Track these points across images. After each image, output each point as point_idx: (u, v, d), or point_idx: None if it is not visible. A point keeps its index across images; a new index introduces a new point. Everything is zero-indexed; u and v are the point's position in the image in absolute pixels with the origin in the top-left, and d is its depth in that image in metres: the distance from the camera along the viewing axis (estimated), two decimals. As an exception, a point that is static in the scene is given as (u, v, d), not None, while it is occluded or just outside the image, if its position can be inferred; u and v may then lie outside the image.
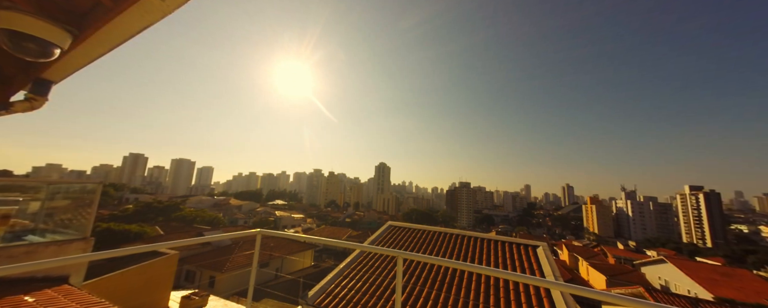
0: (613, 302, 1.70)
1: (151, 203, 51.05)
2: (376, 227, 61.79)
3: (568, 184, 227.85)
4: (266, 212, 72.29)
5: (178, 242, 2.75)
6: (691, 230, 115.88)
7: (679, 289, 26.30)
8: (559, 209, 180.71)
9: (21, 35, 1.84)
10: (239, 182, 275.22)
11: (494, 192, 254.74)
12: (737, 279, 24.68)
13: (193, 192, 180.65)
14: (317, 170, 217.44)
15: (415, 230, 9.43)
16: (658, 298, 15.89)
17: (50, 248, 4.50)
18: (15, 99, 2.90)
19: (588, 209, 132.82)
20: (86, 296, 3.83)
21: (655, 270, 30.69)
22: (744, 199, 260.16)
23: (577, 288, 1.90)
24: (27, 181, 8.15)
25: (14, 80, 3.00)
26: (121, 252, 2.30)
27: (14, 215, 4.64)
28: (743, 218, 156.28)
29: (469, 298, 5.70)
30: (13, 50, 1.91)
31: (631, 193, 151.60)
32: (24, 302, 3.38)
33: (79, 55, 2.31)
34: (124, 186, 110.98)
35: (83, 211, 5.18)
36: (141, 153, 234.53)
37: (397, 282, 2.74)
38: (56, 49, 2.00)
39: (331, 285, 6.35)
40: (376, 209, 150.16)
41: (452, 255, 7.72)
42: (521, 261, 7.13)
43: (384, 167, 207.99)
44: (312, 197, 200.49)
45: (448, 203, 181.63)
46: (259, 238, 3.50)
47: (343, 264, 7.19)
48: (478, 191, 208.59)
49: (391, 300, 5.75)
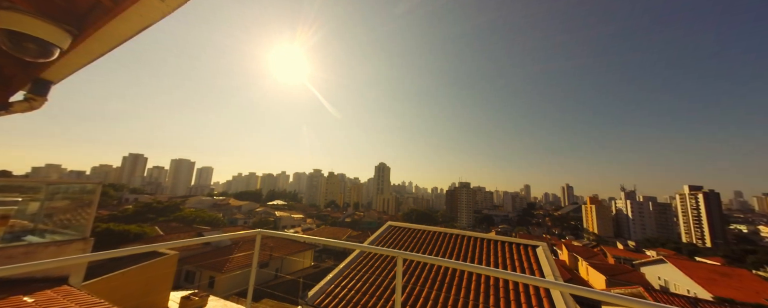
0: (613, 302, 1.70)
1: (151, 203, 51.02)
2: (376, 227, 61.71)
3: (568, 184, 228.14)
4: (266, 213, 72.24)
5: (178, 242, 2.75)
6: (691, 230, 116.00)
7: (679, 289, 26.33)
8: (558, 209, 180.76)
9: (20, 35, 1.84)
10: (239, 183, 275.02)
11: (494, 192, 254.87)
12: (736, 279, 24.72)
13: (192, 192, 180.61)
14: (317, 171, 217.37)
15: (415, 230, 9.42)
16: (658, 298, 15.90)
17: (50, 248, 4.49)
18: (14, 99, 2.89)
19: (588, 209, 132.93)
20: (86, 296, 3.83)
21: (655, 270, 30.73)
22: (743, 199, 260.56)
23: (576, 288, 1.90)
24: (26, 181, 8.13)
25: (13, 80, 2.99)
26: (120, 253, 2.30)
27: (13, 215, 4.63)
28: (743, 218, 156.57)
29: (469, 298, 5.70)
30: (13, 50, 1.91)
31: (631, 193, 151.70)
32: (24, 302, 3.38)
33: (78, 55, 2.31)
34: (124, 186, 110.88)
35: (83, 211, 5.18)
36: (140, 153, 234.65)
37: (397, 282, 2.74)
38: (56, 50, 2.00)
39: (330, 286, 6.34)
40: (376, 209, 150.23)
41: (452, 255, 7.72)
42: (521, 261, 7.13)
43: (384, 167, 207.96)
44: (312, 197, 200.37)
45: (447, 204, 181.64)
46: (258, 238, 3.49)
47: (342, 264, 7.19)
48: (478, 191, 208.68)
49: (391, 301, 5.74)
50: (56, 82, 2.77)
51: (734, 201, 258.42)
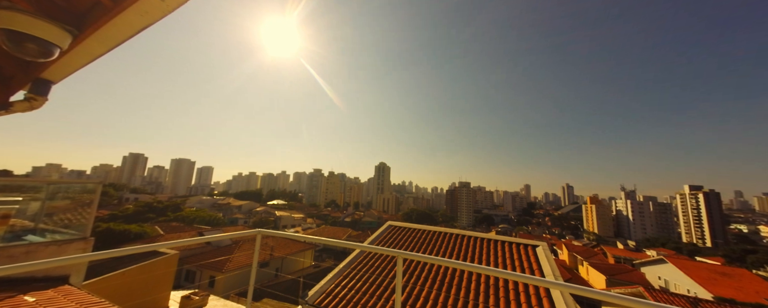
0: (613, 302, 1.70)
1: (151, 203, 51.03)
2: (376, 227, 61.75)
3: (568, 184, 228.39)
4: (266, 212, 72.25)
5: (178, 242, 2.75)
6: (691, 230, 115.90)
7: (679, 289, 26.33)
8: (559, 208, 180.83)
9: (21, 35, 1.84)
10: (239, 182, 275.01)
11: (494, 192, 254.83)
12: (737, 279, 24.72)
13: (193, 192, 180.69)
14: (317, 170, 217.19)
15: (415, 230, 9.42)
16: (658, 298, 15.90)
17: (50, 248, 4.49)
18: (15, 99, 2.90)
19: (588, 208, 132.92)
20: (86, 296, 3.83)
21: (655, 270, 30.72)
22: (744, 199, 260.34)
23: (577, 287, 1.89)
24: (27, 181, 8.14)
25: (14, 80, 3.00)
26: (121, 252, 2.30)
27: (14, 215, 4.64)
28: (743, 218, 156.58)
29: (469, 298, 5.70)
30: (13, 50, 1.91)
31: (631, 193, 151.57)
32: (24, 302, 3.38)
33: (78, 54, 2.32)
34: (124, 186, 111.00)
35: (83, 211, 5.18)
36: (141, 153, 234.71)
37: (397, 282, 2.74)
38: (56, 49, 2.00)
39: (331, 285, 6.34)
40: (376, 209, 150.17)
41: (452, 255, 7.72)
42: (521, 261, 7.13)
43: (384, 167, 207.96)
44: (312, 197, 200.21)
45: (448, 203, 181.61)
46: (258, 238, 3.50)
47: (343, 263, 7.19)
48: (478, 190, 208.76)
49: (391, 300, 5.74)
50: (56, 81, 2.78)
51: (735, 201, 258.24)
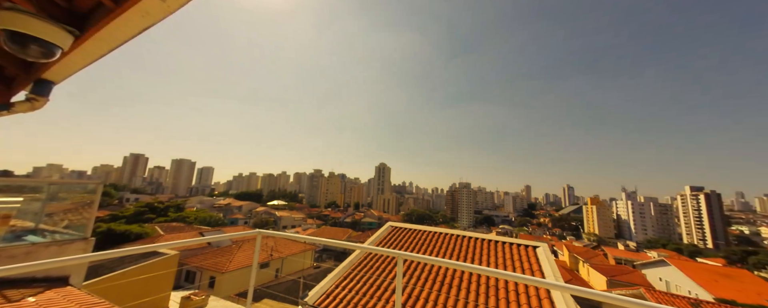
0: (614, 303, 1.70)
1: (152, 203, 50.97)
2: (376, 227, 61.80)
3: (569, 185, 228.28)
4: (266, 213, 72.32)
5: (178, 242, 2.76)
6: (692, 231, 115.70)
7: (680, 290, 26.29)
8: (559, 209, 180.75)
9: (22, 36, 1.85)
10: (239, 183, 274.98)
11: (495, 193, 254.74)
12: (738, 280, 24.68)
13: (193, 192, 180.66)
14: (317, 171, 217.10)
15: (416, 230, 9.42)
16: (659, 299, 15.87)
17: (51, 248, 4.50)
18: (16, 99, 2.91)
19: (588, 209, 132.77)
20: (86, 296, 3.83)
21: (656, 272, 30.68)
22: (745, 200, 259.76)
23: (577, 288, 1.89)
24: (28, 181, 8.17)
25: (15, 81, 3.01)
26: (121, 253, 2.31)
27: (15, 215, 4.65)
28: (744, 219, 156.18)
29: (470, 299, 5.69)
30: (15, 51, 1.91)
31: (632, 194, 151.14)
32: (25, 302, 3.39)
33: (80, 55, 2.32)
34: (125, 186, 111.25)
35: (84, 211, 5.18)
36: (141, 153, 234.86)
37: (397, 282, 2.74)
38: (57, 50, 2.00)
39: (331, 286, 6.34)
40: (376, 209, 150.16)
41: (452, 256, 7.71)
42: (521, 262, 7.12)
43: (384, 168, 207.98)
44: (312, 197, 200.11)
45: (448, 204, 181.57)
46: (259, 238, 3.50)
47: (343, 264, 7.19)
48: (479, 191, 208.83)
49: (391, 301, 5.74)
50: (58, 82, 2.78)
51: (736, 202, 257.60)
